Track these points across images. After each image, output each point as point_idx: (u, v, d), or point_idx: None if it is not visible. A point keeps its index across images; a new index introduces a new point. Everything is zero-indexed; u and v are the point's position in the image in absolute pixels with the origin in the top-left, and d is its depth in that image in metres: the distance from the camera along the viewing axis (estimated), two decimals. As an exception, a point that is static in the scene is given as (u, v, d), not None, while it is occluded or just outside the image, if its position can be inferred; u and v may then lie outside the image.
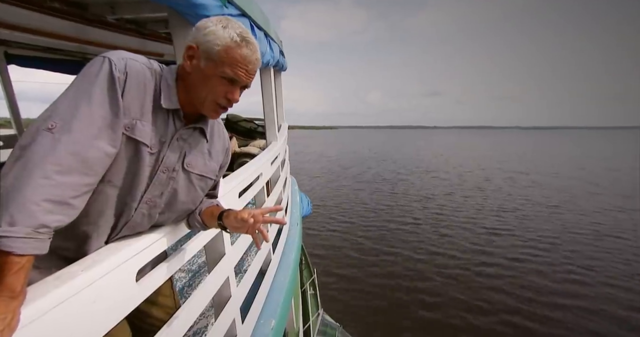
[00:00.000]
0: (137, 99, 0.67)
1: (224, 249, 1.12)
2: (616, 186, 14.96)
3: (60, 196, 0.53)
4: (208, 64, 0.70)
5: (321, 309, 4.03)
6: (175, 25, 1.14)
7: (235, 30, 0.71)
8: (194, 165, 0.80)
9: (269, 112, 2.61)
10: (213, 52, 0.69)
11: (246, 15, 1.43)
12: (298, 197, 3.53)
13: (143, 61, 0.70)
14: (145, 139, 0.68)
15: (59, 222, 0.53)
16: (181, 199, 0.80)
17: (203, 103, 0.74)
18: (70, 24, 2.00)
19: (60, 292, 0.50)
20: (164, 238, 0.79)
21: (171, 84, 0.73)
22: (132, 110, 0.66)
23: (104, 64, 0.63)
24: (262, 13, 1.83)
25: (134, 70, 0.66)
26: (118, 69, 0.63)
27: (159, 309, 0.94)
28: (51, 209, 0.51)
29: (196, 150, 0.80)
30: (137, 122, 0.66)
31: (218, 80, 0.71)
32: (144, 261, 0.71)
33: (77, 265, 0.57)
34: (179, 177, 0.77)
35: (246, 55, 0.71)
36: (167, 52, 3.03)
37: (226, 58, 0.70)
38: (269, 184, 2.29)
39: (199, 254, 2.15)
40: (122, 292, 0.63)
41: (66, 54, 3.02)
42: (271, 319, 1.45)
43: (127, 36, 2.32)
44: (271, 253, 1.84)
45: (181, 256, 0.86)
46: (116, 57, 0.65)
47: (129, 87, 0.65)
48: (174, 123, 0.74)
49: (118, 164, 0.66)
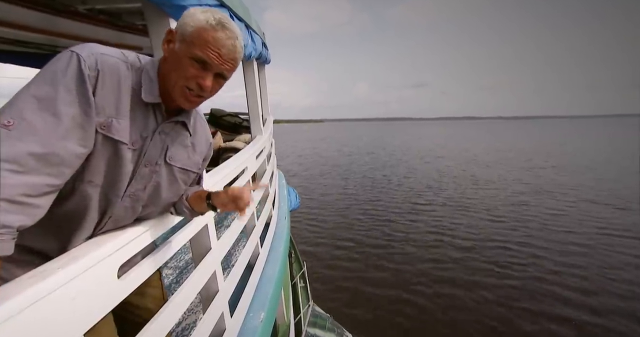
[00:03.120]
0: (112, 96, 0.64)
1: (209, 244, 1.11)
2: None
3: (19, 195, 0.50)
4: (181, 46, 0.68)
5: (311, 301, 4.08)
6: (151, 17, 1.10)
7: (214, 14, 0.69)
8: (177, 158, 0.80)
9: (254, 106, 2.58)
10: (187, 33, 0.67)
11: (225, 6, 1.40)
12: (285, 190, 3.52)
13: (116, 55, 0.67)
14: (123, 137, 0.66)
15: (20, 222, 0.51)
16: (164, 192, 0.80)
17: (174, 88, 0.70)
18: (38, 14, 1.89)
19: (36, 290, 0.49)
20: (146, 233, 0.78)
21: (153, 77, 0.71)
22: (107, 108, 0.63)
23: (71, 60, 0.59)
24: (242, 3, 1.78)
25: (107, 65, 0.63)
26: (88, 65, 0.60)
27: (147, 300, 0.94)
28: (9, 209, 0.49)
29: (178, 144, 0.79)
30: (112, 120, 0.64)
31: (188, 62, 0.68)
32: (126, 257, 0.70)
33: (55, 262, 0.56)
34: (161, 170, 0.77)
35: (219, 37, 0.68)
36: (146, 45, 2.93)
37: (197, 38, 0.67)
38: (255, 177, 2.28)
39: (185, 250, 2.13)
40: (103, 289, 0.62)
41: (35, 47, 2.87)
42: (260, 312, 1.46)
43: (103, 28, 2.21)
44: (259, 247, 1.84)
45: (165, 251, 0.86)
46: (86, 52, 0.61)
47: (102, 84, 0.62)
48: (155, 117, 0.73)
49: (97, 163, 0.65)
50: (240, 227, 1.48)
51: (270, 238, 2.22)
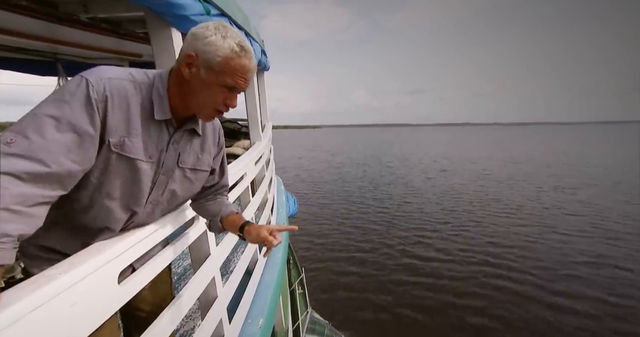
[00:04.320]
0: (122, 117, 0.69)
1: (209, 250, 1.12)
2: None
3: (15, 205, 0.52)
4: (209, 74, 0.72)
5: (310, 308, 4.04)
6: (153, 26, 1.12)
7: (235, 39, 0.73)
8: (187, 161, 0.86)
9: (253, 112, 2.60)
10: (214, 63, 0.71)
11: (226, 15, 1.43)
12: (284, 196, 3.53)
13: (124, 77, 0.71)
14: (138, 154, 0.72)
15: (20, 231, 0.52)
16: (179, 192, 0.87)
17: (202, 109, 0.77)
18: (40, 22, 1.92)
19: (37, 296, 0.49)
20: (146, 239, 0.79)
21: (163, 94, 0.75)
22: (119, 129, 0.68)
23: (80, 84, 0.63)
24: (242, 12, 1.82)
25: (115, 89, 0.67)
26: (96, 90, 0.64)
27: (156, 295, 1.01)
28: (9, 218, 0.51)
29: (189, 148, 0.86)
30: (124, 139, 0.69)
31: (218, 89, 0.74)
32: (126, 263, 0.71)
33: (55, 268, 0.57)
34: (175, 175, 0.83)
35: (245, 64, 0.74)
36: (145, 52, 2.96)
37: (227, 69, 0.72)
38: (254, 183, 2.29)
39: (184, 256, 2.12)
40: (103, 295, 0.63)
41: (36, 54, 2.89)
42: (259, 318, 1.45)
43: (103, 36, 2.24)
44: (257, 253, 1.84)
45: (165, 256, 0.86)
46: (94, 77, 0.65)
47: (111, 107, 0.66)
48: (168, 129, 0.79)
49: (113, 179, 0.71)
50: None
51: (269, 244, 2.21)
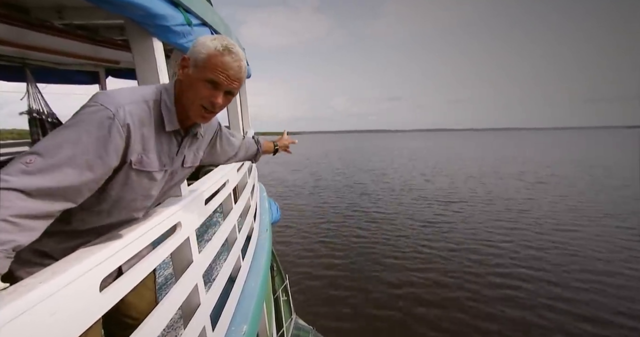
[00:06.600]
0: (140, 139, 0.75)
1: (191, 257, 1.11)
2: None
3: (16, 217, 0.54)
4: (194, 70, 0.79)
5: (294, 314, 4.01)
6: (134, 35, 1.12)
7: (222, 41, 0.79)
8: (188, 161, 0.96)
9: (234, 119, 2.60)
10: (199, 59, 0.78)
11: (207, 25, 1.45)
12: (267, 203, 3.52)
13: (139, 99, 0.76)
14: (154, 167, 0.80)
15: (15, 243, 0.54)
16: (177, 182, 0.98)
17: (191, 107, 0.82)
18: (9, 27, 1.85)
19: (16, 305, 0.49)
20: (128, 247, 0.79)
21: (171, 107, 0.81)
22: (138, 148, 0.75)
23: (102, 113, 0.67)
24: (223, 21, 1.84)
25: (136, 115, 0.73)
26: (117, 118, 0.69)
27: (141, 301, 1.06)
28: (8, 229, 0.53)
29: (190, 150, 0.95)
30: (142, 156, 0.76)
31: (202, 84, 0.79)
32: (107, 271, 0.71)
33: (35, 277, 0.56)
34: (178, 173, 0.94)
35: (227, 61, 0.78)
36: (123, 59, 2.90)
37: (209, 64, 0.77)
38: (237, 190, 2.28)
39: (165, 266, 2.07)
40: (84, 303, 0.62)
41: (3, 60, 2.76)
42: (243, 325, 1.45)
43: (78, 42, 2.19)
44: (240, 259, 1.83)
45: (148, 264, 0.86)
46: (114, 107, 0.69)
47: (133, 133, 0.72)
48: (176, 138, 0.87)
49: (133, 191, 0.79)
50: (222, 240, 1.48)
51: (252, 251, 2.20)
